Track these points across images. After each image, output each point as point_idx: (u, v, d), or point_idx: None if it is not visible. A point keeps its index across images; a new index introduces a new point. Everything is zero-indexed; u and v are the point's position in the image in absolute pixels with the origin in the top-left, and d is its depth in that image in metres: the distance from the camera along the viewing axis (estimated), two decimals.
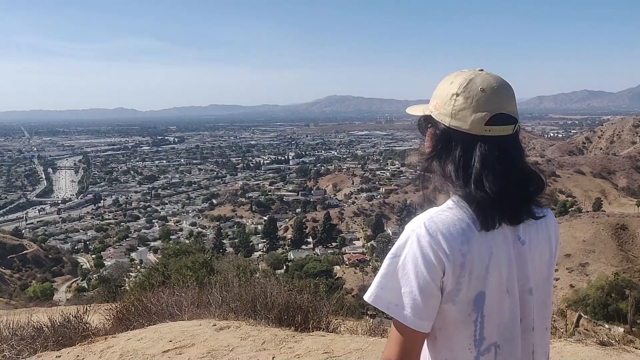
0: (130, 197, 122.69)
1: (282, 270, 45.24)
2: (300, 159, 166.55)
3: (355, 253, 66.36)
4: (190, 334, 4.66)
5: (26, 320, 5.53)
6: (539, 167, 1.36)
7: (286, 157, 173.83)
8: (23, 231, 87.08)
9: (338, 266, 56.81)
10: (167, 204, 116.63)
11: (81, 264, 71.69)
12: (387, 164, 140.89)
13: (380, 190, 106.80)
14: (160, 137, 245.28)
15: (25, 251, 69.81)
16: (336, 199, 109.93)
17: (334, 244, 72.93)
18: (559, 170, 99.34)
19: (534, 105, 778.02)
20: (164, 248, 27.97)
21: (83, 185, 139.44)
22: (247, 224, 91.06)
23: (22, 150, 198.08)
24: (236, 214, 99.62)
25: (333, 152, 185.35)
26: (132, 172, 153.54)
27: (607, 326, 33.27)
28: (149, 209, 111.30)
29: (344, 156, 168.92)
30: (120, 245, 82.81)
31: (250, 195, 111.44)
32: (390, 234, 66.66)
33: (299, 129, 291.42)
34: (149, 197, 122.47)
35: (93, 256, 74.87)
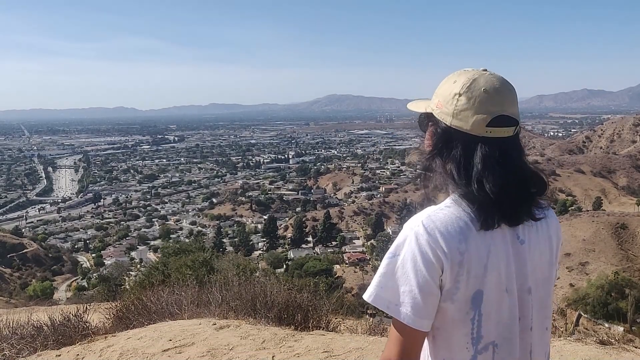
0: (130, 196, 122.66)
1: (282, 269, 45.28)
2: (300, 158, 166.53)
3: (355, 252, 66.34)
4: (190, 332, 4.66)
5: (26, 319, 5.54)
6: (540, 168, 1.36)
7: (286, 156, 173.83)
8: (23, 230, 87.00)
9: (338, 265, 56.82)
10: (167, 202, 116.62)
11: (81, 262, 71.66)
12: (387, 163, 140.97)
13: (380, 189, 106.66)
14: (160, 136, 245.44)
15: (25, 250, 69.75)
16: (336, 198, 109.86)
17: (334, 243, 72.91)
18: (559, 169, 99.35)
19: (534, 104, 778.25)
20: (164, 247, 28.01)
21: (83, 184, 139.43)
22: (247, 223, 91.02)
23: (22, 149, 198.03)
24: (236, 213, 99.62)
25: (333, 151, 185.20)
26: (132, 171, 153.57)
27: (607, 325, 33.30)
28: (149, 207, 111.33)
29: (344, 155, 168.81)
30: (120, 244, 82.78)
31: (250, 194, 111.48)
32: (390, 233, 66.60)
33: (299, 128, 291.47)
34: (149, 196, 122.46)
35: (93, 255, 74.83)
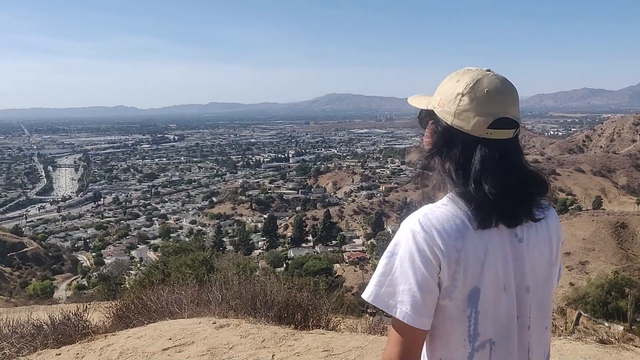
0: (130, 195, 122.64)
1: (282, 269, 45.31)
2: (300, 157, 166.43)
3: (355, 251, 66.30)
4: (190, 331, 4.66)
5: (26, 318, 5.54)
6: (540, 168, 1.36)
7: (286, 155, 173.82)
8: (23, 229, 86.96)
9: (338, 264, 56.79)
10: (167, 202, 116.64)
11: (81, 261, 71.65)
12: (387, 162, 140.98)
13: (380, 188, 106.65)
14: (160, 135, 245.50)
15: (26, 249, 69.73)
16: (336, 197, 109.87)
17: (334, 242, 72.85)
18: (559, 168, 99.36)
19: (534, 103, 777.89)
20: (164, 246, 28.00)
21: (83, 183, 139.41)
22: (247, 222, 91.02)
23: (22, 148, 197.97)
24: (236, 212, 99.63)
25: (333, 150, 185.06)
26: (132, 170, 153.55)
27: (606, 324, 33.30)
28: (149, 207, 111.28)
29: (344, 154, 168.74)
30: (120, 243, 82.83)
31: (250, 193, 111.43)
32: (390, 232, 66.58)
33: (299, 127, 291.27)
34: (149, 195, 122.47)
35: (93, 254, 74.85)
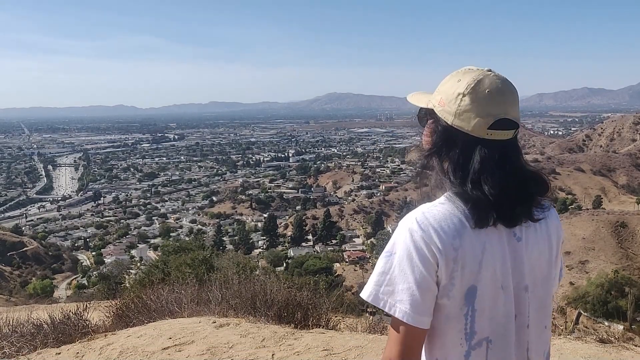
0: (130, 195, 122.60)
1: (281, 268, 45.33)
2: (300, 157, 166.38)
3: (355, 250, 66.24)
4: (190, 331, 4.66)
5: (26, 317, 5.54)
6: (539, 169, 1.36)
7: (286, 154, 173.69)
8: (23, 228, 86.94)
9: (338, 263, 56.75)
10: (167, 201, 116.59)
11: (81, 261, 71.64)
12: (387, 161, 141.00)
13: (380, 187, 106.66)
14: (160, 135, 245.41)
15: (26, 248, 69.74)
16: (336, 196, 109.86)
17: (334, 241, 72.80)
18: (559, 167, 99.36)
19: (534, 103, 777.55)
20: (163, 245, 28.01)
21: (83, 182, 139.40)
22: (247, 221, 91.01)
23: (22, 147, 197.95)
24: (236, 211, 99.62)
25: (333, 149, 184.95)
26: (132, 169, 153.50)
27: (606, 323, 33.30)
28: (148, 206, 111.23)
29: (344, 153, 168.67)
30: (120, 242, 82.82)
31: (250, 192, 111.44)
32: (390, 232, 66.31)
33: (299, 126, 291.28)
34: (149, 195, 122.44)
35: (93, 253, 74.83)
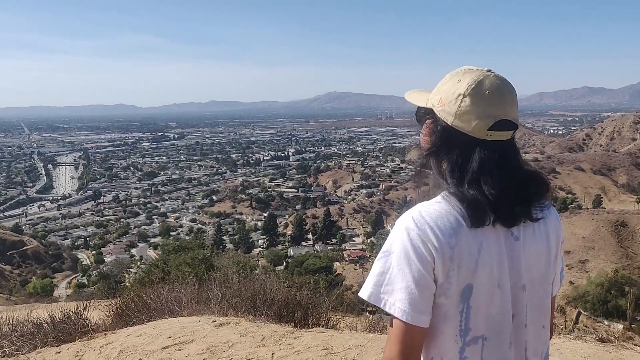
0: (130, 194, 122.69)
1: (281, 267, 45.34)
2: (300, 156, 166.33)
3: (355, 249, 66.31)
4: (190, 330, 4.66)
5: (26, 316, 5.55)
6: (539, 167, 1.41)
7: (286, 153, 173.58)
8: (23, 227, 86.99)
9: (338, 262, 56.81)
10: (167, 200, 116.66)
11: (81, 260, 71.70)
12: (387, 160, 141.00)
13: (380, 186, 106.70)
14: (160, 134, 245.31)
15: (26, 247, 69.75)
16: (336, 195, 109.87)
17: (334, 240, 72.84)
18: (559, 167, 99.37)
19: (535, 102, 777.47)
20: (163, 244, 28.01)
21: (83, 181, 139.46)
22: (247, 220, 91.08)
23: (22, 146, 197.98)
24: (236, 210, 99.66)
25: (333, 148, 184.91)
26: (132, 168, 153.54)
27: (606, 323, 33.27)
28: (148, 205, 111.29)
29: (344, 153, 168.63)
30: (120, 241, 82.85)
31: (250, 191, 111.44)
32: (390, 231, 66.53)
33: (299, 126, 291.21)
34: (149, 194, 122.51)
35: (93, 252, 74.86)
